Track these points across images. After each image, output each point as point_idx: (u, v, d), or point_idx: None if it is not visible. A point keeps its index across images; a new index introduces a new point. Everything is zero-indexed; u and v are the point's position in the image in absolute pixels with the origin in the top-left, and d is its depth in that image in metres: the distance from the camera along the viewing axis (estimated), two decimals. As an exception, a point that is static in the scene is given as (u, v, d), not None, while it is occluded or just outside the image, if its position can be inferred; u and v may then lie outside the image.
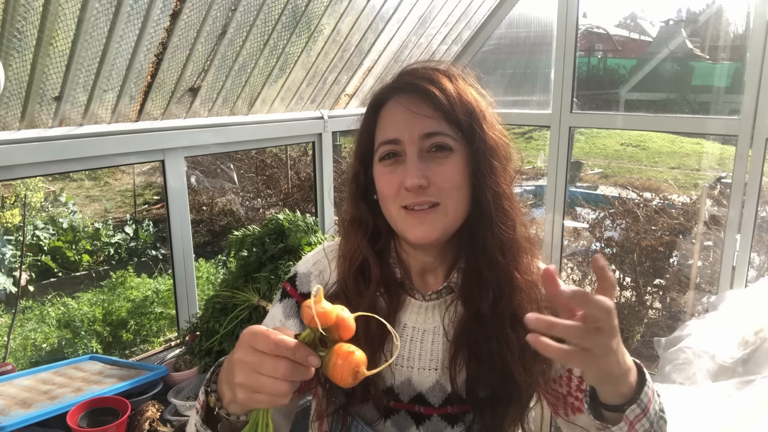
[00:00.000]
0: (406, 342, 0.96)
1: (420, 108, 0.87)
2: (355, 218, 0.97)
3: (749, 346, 1.73)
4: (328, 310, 0.67)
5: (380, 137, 0.90)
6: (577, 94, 2.52)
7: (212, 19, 1.69)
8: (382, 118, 0.91)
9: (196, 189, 7.50)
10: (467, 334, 0.91)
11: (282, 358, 0.65)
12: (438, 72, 0.91)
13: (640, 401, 0.73)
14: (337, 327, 0.68)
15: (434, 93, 0.86)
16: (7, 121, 1.54)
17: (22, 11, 1.34)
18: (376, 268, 0.94)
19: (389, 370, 0.96)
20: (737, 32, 3.11)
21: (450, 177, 0.86)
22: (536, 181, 8.11)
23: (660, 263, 4.11)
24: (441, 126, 0.86)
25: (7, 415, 1.44)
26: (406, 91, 0.89)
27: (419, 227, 0.87)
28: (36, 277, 5.71)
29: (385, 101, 0.91)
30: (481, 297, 0.91)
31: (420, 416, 0.95)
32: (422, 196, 0.86)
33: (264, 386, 0.66)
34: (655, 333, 3.81)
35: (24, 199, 6.14)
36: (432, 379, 0.95)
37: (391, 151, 0.88)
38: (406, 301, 0.98)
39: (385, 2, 2.16)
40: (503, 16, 2.68)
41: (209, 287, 4.71)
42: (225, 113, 2.09)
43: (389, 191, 0.88)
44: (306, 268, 1.04)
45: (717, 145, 6.22)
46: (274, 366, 0.65)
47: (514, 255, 0.91)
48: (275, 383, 0.66)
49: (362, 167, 0.95)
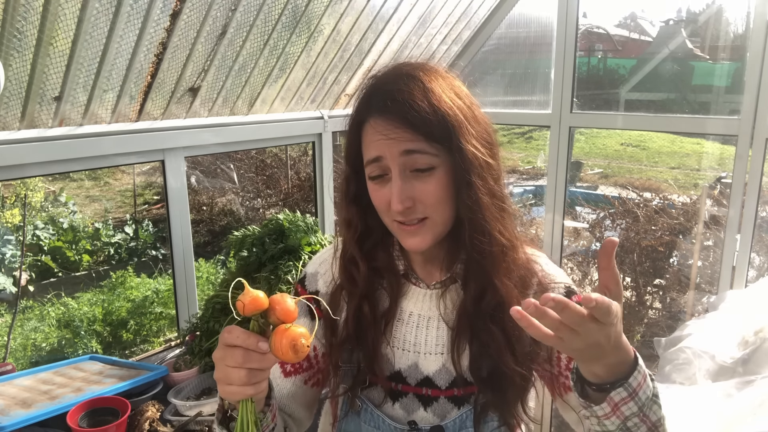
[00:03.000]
0: (412, 328, 1.01)
1: (397, 132, 0.87)
2: (345, 220, 1.02)
3: (749, 346, 1.73)
4: (257, 296, 0.73)
5: (366, 156, 0.93)
6: (577, 94, 2.52)
7: (212, 19, 1.69)
8: (365, 138, 0.93)
9: (196, 189, 7.49)
10: (467, 318, 0.96)
11: (237, 347, 0.74)
12: (414, 82, 0.88)
13: (627, 385, 0.74)
14: (273, 311, 0.74)
15: (407, 112, 0.86)
16: (7, 121, 1.54)
17: (22, 11, 1.34)
18: (363, 266, 1.00)
19: (394, 355, 1.01)
20: (737, 32, 3.11)
21: (434, 194, 0.89)
22: (536, 181, 8.12)
23: (660, 263, 4.11)
24: (420, 145, 0.87)
25: (7, 415, 1.44)
26: (382, 112, 0.88)
27: (412, 239, 0.93)
28: (36, 277, 5.71)
29: (364, 122, 0.92)
30: (467, 292, 0.96)
31: (427, 398, 1.00)
32: (410, 215, 0.90)
33: (229, 376, 0.75)
34: (655, 333, 3.80)
35: (24, 199, 6.14)
36: (438, 363, 1.00)
37: (378, 170, 0.91)
38: (410, 289, 1.03)
39: (385, 2, 2.16)
40: (503, 16, 2.68)
41: (209, 287, 4.71)
42: (225, 113, 2.09)
43: (381, 206, 0.94)
44: (314, 269, 1.11)
45: (717, 145, 6.22)
46: (232, 355, 0.74)
47: (493, 262, 0.93)
48: (236, 372, 0.74)
49: (353, 173, 0.98)
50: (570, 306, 0.65)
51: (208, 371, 1.87)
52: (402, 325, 1.02)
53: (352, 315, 1.00)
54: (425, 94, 0.87)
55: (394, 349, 1.01)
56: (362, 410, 1.01)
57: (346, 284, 1.02)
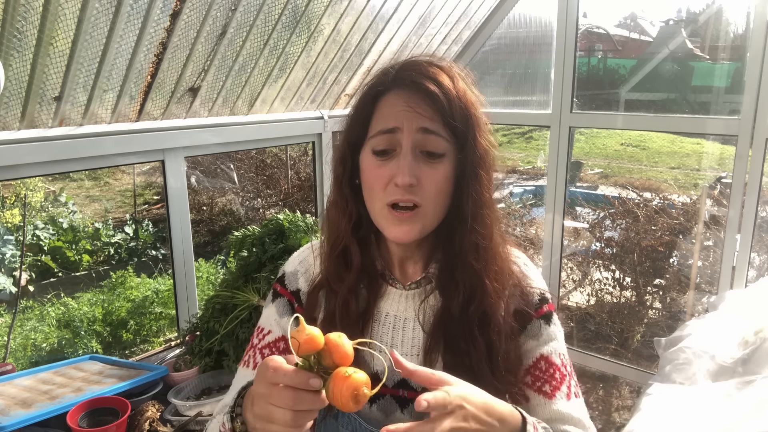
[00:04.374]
0: (388, 329, 0.99)
1: (420, 107, 0.87)
2: (339, 204, 0.97)
3: (749, 346, 1.73)
4: (314, 335, 0.68)
5: (378, 126, 0.90)
6: (577, 94, 2.52)
7: (212, 19, 1.69)
8: (381, 109, 0.91)
9: (196, 189, 7.49)
10: (443, 325, 0.94)
11: (286, 387, 0.68)
12: (442, 71, 0.90)
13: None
14: (329, 352, 0.69)
15: (436, 94, 0.87)
16: (7, 121, 1.54)
17: (22, 11, 1.34)
18: (357, 257, 0.96)
19: (373, 357, 0.97)
20: (737, 32, 3.11)
21: (438, 182, 0.88)
22: (536, 181, 8.12)
23: (660, 263, 4.11)
24: (438, 127, 0.87)
25: (7, 415, 1.44)
26: (409, 87, 0.88)
27: (400, 227, 0.89)
28: (36, 277, 5.71)
29: (385, 92, 0.91)
30: (453, 296, 0.93)
31: (404, 400, 0.97)
32: (409, 194, 0.87)
33: (273, 416, 0.69)
34: (655, 333, 3.81)
35: (24, 199, 6.14)
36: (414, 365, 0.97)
37: (385, 144, 0.88)
38: (387, 290, 1.00)
39: (385, 2, 2.16)
40: (503, 16, 2.68)
41: (209, 287, 4.71)
42: (225, 113, 2.09)
43: (378, 185, 0.89)
44: (293, 267, 1.07)
45: (717, 145, 6.22)
46: (280, 395, 0.68)
47: (488, 261, 0.92)
48: (283, 413, 0.68)
49: (350, 152, 0.94)
50: (413, 429, 0.69)
51: (208, 371, 1.87)
52: (378, 326, 0.99)
53: (338, 312, 0.96)
54: (453, 82, 0.89)
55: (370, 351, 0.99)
56: (339, 414, 0.98)
57: (332, 279, 0.98)
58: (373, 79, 0.94)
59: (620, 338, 4.03)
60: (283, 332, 1.03)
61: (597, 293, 4.35)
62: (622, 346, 3.97)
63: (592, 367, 2.96)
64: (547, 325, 0.97)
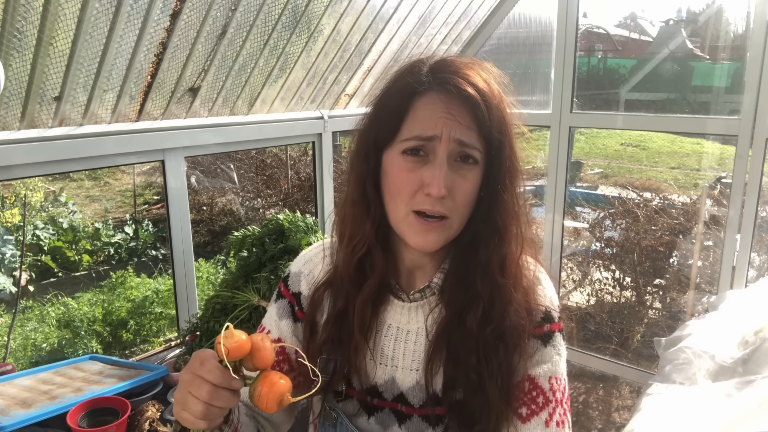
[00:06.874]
0: (390, 341, 0.96)
1: (460, 115, 0.83)
2: (361, 203, 0.91)
3: (749, 346, 1.73)
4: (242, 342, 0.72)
5: (415, 130, 0.84)
6: (577, 94, 2.52)
7: (212, 19, 1.69)
8: (418, 110, 0.85)
9: (196, 189, 7.49)
10: (447, 336, 0.90)
11: (206, 380, 0.71)
12: (482, 77, 0.86)
13: None
14: (251, 357, 0.73)
15: (478, 104, 0.83)
16: (7, 121, 1.54)
17: (22, 11, 1.34)
18: (380, 262, 0.92)
19: (376, 369, 0.95)
20: (737, 32, 3.11)
21: (468, 193, 0.85)
22: (536, 181, 8.12)
23: (660, 263, 4.11)
24: (473, 138, 0.84)
25: (7, 415, 1.44)
26: (449, 91, 0.83)
27: (424, 236, 0.86)
28: (36, 277, 5.71)
29: (423, 93, 0.85)
30: (470, 309, 0.89)
31: (402, 415, 0.95)
32: (438, 206, 0.84)
33: (188, 404, 0.73)
34: (655, 333, 3.80)
35: (24, 199, 6.14)
36: (413, 380, 0.94)
37: (420, 146, 0.84)
38: (390, 301, 0.97)
39: (385, 2, 2.16)
40: (503, 16, 2.68)
41: (209, 287, 4.71)
42: (225, 113, 2.09)
43: (407, 189, 0.84)
44: (298, 268, 1.05)
45: (717, 145, 6.22)
46: (200, 387, 0.71)
47: (516, 277, 0.90)
48: (196, 403, 0.72)
49: (374, 148, 0.88)
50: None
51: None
52: (381, 337, 0.96)
53: (356, 322, 0.93)
54: (491, 88, 0.86)
55: (372, 362, 0.96)
56: (338, 423, 0.96)
57: (349, 284, 0.93)
58: (405, 74, 0.88)
59: (620, 338, 4.03)
60: (280, 334, 1.02)
61: (597, 293, 4.35)
62: (622, 346, 3.97)
63: (592, 367, 2.96)
64: (543, 346, 0.92)
